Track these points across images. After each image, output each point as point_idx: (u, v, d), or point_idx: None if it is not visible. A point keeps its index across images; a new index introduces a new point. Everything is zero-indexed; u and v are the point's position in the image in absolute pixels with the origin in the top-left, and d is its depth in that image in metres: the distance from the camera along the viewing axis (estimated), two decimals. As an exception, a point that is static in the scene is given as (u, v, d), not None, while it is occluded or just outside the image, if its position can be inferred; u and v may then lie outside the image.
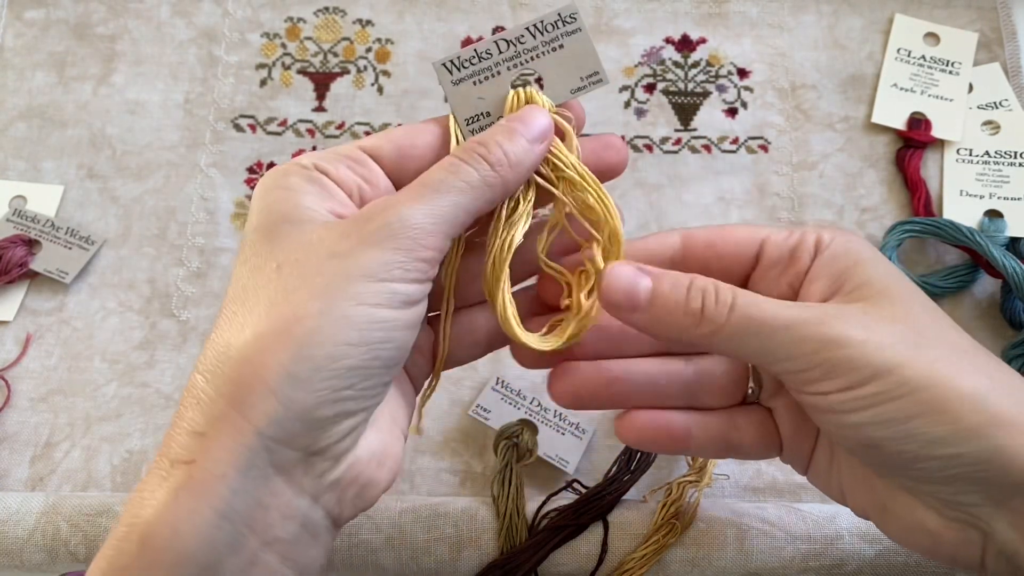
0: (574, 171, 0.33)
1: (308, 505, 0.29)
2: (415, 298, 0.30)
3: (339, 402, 0.28)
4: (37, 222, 0.55)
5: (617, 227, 0.33)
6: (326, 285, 0.28)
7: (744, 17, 0.62)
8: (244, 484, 0.27)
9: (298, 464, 0.29)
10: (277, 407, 0.27)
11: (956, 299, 0.53)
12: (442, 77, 0.33)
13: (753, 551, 0.42)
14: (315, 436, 0.28)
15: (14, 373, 0.51)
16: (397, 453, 0.33)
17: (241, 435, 0.27)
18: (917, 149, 0.56)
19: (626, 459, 0.46)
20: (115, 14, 0.62)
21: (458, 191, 0.31)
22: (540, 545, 0.42)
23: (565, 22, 0.33)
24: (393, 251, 0.29)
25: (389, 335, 0.29)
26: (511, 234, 0.33)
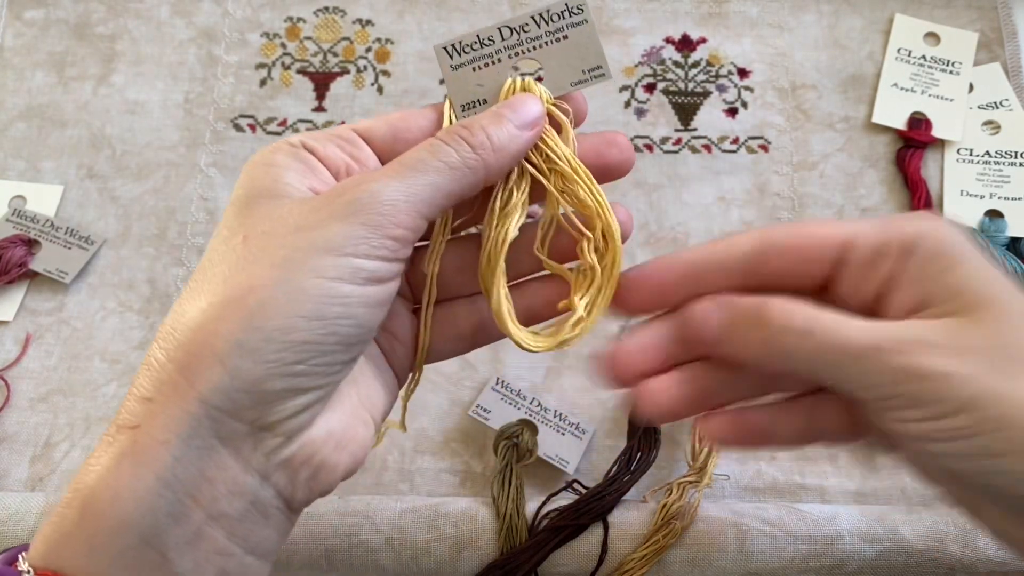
0: (566, 163, 0.32)
1: (257, 483, 0.28)
2: (381, 276, 0.29)
3: (289, 376, 0.28)
4: (37, 222, 0.55)
5: (610, 223, 0.33)
6: (285, 257, 0.28)
7: (744, 17, 0.62)
8: (187, 452, 0.27)
9: (246, 438, 0.28)
10: (223, 376, 0.27)
11: (956, 299, 0.53)
12: (442, 60, 0.33)
13: (753, 551, 0.42)
14: (263, 410, 0.28)
15: (14, 373, 0.51)
16: (362, 439, 0.32)
17: (185, 402, 0.27)
18: (917, 149, 0.56)
19: (626, 459, 0.46)
20: (115, 14, 0.62)
21: (436, 171, 0.30)
22: (540, 545, 0.42)
23: (572, 12, 0.33)
24: (360, 226, 0.28)
25: (348, 311, 0.28)
26: (505, 226, 0.33)
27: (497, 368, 0.51)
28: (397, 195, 0.29)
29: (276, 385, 0.27)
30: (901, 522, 0.43)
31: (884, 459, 0.49)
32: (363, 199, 0.29)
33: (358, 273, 0.28)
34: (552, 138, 0.33)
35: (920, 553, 0.42)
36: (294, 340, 0.27)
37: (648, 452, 0.46)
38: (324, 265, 0.28)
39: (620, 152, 0.34)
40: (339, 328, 0.28)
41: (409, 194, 0.29)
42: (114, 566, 0.26)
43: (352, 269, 0.28)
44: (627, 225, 0.34)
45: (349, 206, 0.29)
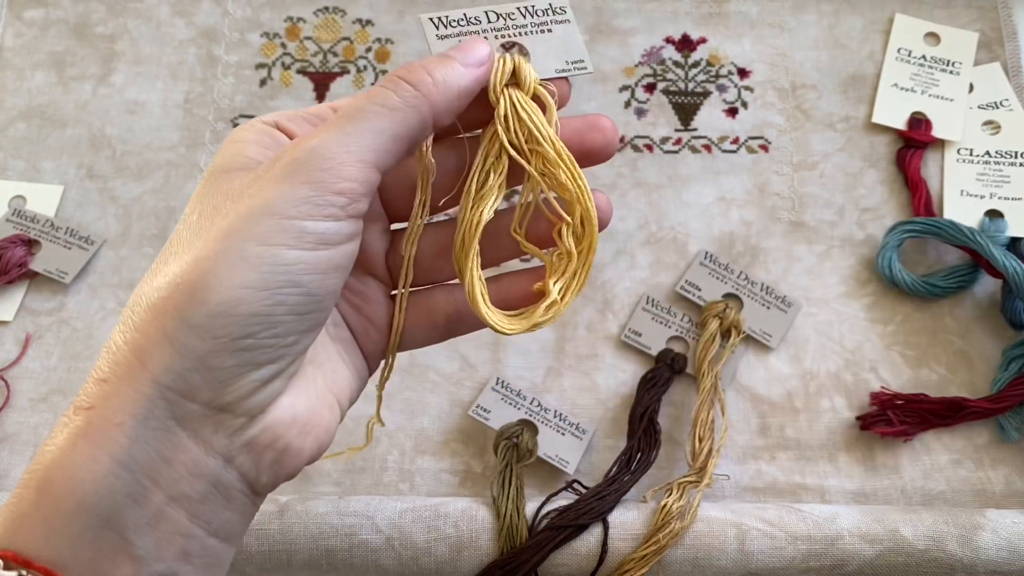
0: (549, 145, 0.32)
1: (220, 465, 0.28)
2: (330, 238, 0.28)
3: (239, 352, 0.27)
4: (37, 222, 0.55)
5: (589, 208, 0.32)
6: (228, 227, 0.27)
7: (744, 17, 0.61)
8: (143, 433, 0.26)
9: (205, 420, 0.27)
10: (173, 355, 0.26)
11: (957, 299, 0.53)
12: (427, 30, 0.33)
13: (753, 551, 0.42)
14: (217, 389, 0.27)
15: (14, 373, 0.51)
16: (327, 424, 0.31)
17: (138, 383, 0.27)
18: (917, 149, 0.56)
19: (626, 459, 0.46)
20: (115, 14, 0.62)
21: (376, 116, 0.29)
22: (540, 546, 0.42)
23: (555, 12, 0.33)
24: (302, 184, 0.27)
25: (295, 278, 0.27)
26: (480, 209, 0.32)
27: (497, 368, 0.51)
28: (337, 147, 0.28)
29: (225, 361, 0.27)
30: (901, 522, 0.43)
31: (884, 459, 0.49)
32: (302, 157, 0.28)
33: (304, 237, 0.27)
34: (536, 116, 0.32)
35: (920, 553, 0.42)
36: (240, 313, 0.26)
37: (648, 452, 0.46)
38: (266, 231, 0.27)
39: (603, 136, 0.33)
40: (287, 298, 0.27)
41: (351, 144, 0.28)
42: (73, 547, 0.26)
43: (297, 233, 0.27)
44: (606, 212, 0.33)
45: (288, 167, 0.28)
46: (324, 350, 0.33)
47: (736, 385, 0.51)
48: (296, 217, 0.27)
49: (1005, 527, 0.43)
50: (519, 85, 0.32)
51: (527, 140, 0.32)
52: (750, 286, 0.53)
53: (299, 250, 0.27)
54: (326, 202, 0.28)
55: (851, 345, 0.52)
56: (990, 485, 0.48)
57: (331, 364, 0.33)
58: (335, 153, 0.28)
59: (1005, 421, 0.49)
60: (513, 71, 0.32)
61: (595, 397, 0.51)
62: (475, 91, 0.32)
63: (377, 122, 0.29)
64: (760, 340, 0.52)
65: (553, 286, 0.33)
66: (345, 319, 0.34)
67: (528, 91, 0.32)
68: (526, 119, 0.32)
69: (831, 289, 0.54)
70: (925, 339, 0.52)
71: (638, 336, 0.52)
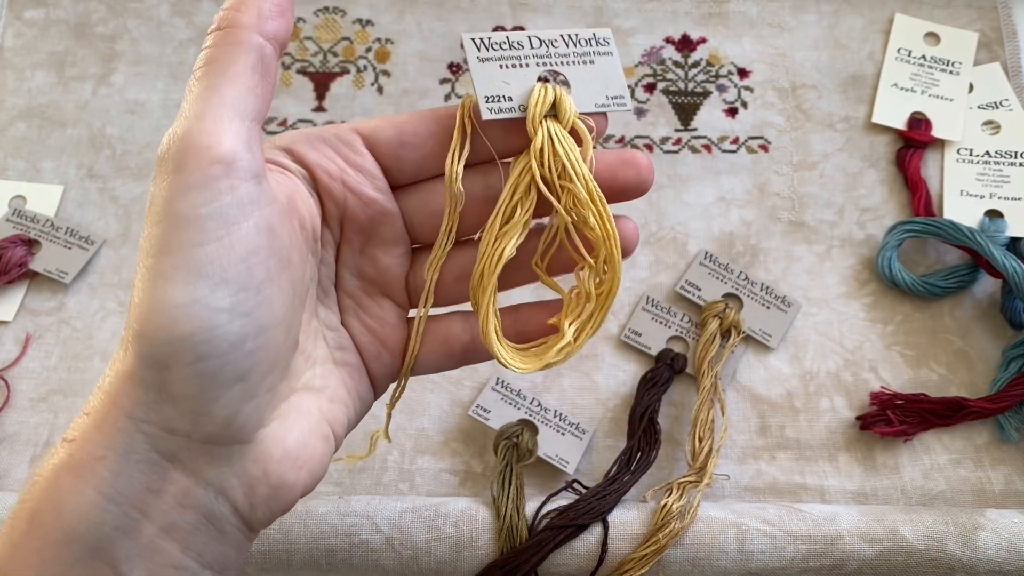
0: (582, 183, 0.31)
1: (212, 497, 0.28)
2: (233, 214, 0.26)
3: (200, 376, 0.26)
4: (37, 222, 0.55)
5: (614, 253, 0.31)
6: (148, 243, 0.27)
7: (744, 17, 0.62)
8: (125, 467, 0.26)
9: (191, 452, 0.27)
10: (138, 390, 0.26)
11: (956, 299, 0.53)
12: (469, 51, 0.32)
13: (753, 551, 0.42)
14: (193, 420, 0.27)
15: (14, 373, 0.51)
16: (320, 456, 0.30)
17: (114, 418, 0.27)
18: (917, 149, 0.56)
19: (626, 459, 0.46)
20: (115, 14, 0.62)
21: (210, 75, 0.27)
22: (540, 545, 0.42)
23: (599, 43, 0.33)
24: (178, 174, 0.26)
25: (218, 276, 0.26)
26: (503, 246, 0.31)
27: (497, 368, 0.51)
28: (194, 124, 0.27)
29: (188, 388, 0.26)
30: (901, 522, 0.43)
31: (884, 459, 0.49)
32: (172, 147, 0.27)
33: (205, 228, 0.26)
34: (573, 152, 0.31)
35: (920, 553, 0.42)
36: (180, 334, 0.26)
37: (648, 452, 0.46)
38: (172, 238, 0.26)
39: (636, 174, 0.33)
40: (220, 301, 0.26)
41: (203, 115, 0.27)
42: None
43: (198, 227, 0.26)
44: (632, 241, 0.33)
45: (166, 160, 0.27)
46: (325, 376, 0.32)
47: (736, 385, 0.51)
48: (192, 207, 0.26)
49: (1005, 527, 0.43)
50: (558, 117, 0.31)
51: (560, 176, 0.31)
52: (750, 286, 0.53)
53: (206, 244, 0.26)
54: (213, 176, 0.26)
55: (851, 345, 0.52)
56: (990, 485, 0.48)
57: (331, 391, 0.32)
58: (197, 127, 0.26)
59: (1005, 421, 0.49)
60: (554, 103, 0.31)
61: (595, 397, 0.51)
62: None
63: (214, 79, 0.27)
64: (760, 340, 0.52)
65: (568, 327, 0.32)
66: (356, 340, 0.34)
67: (567, 124, 0.31)
68: (562, 154, 0.31)
69: (831, 289, 0.54)
70: (925, 339, 0.52)
71: (638, 336, 0.52)
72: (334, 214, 0.32)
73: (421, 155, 0.32)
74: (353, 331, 0.34)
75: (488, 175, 0.33)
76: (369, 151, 0.32)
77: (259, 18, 0.28)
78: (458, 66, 0.60)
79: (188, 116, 0.27)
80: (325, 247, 0.33)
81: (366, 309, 0.34)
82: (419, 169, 0.33)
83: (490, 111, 0.31)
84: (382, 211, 0.33)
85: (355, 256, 0.33)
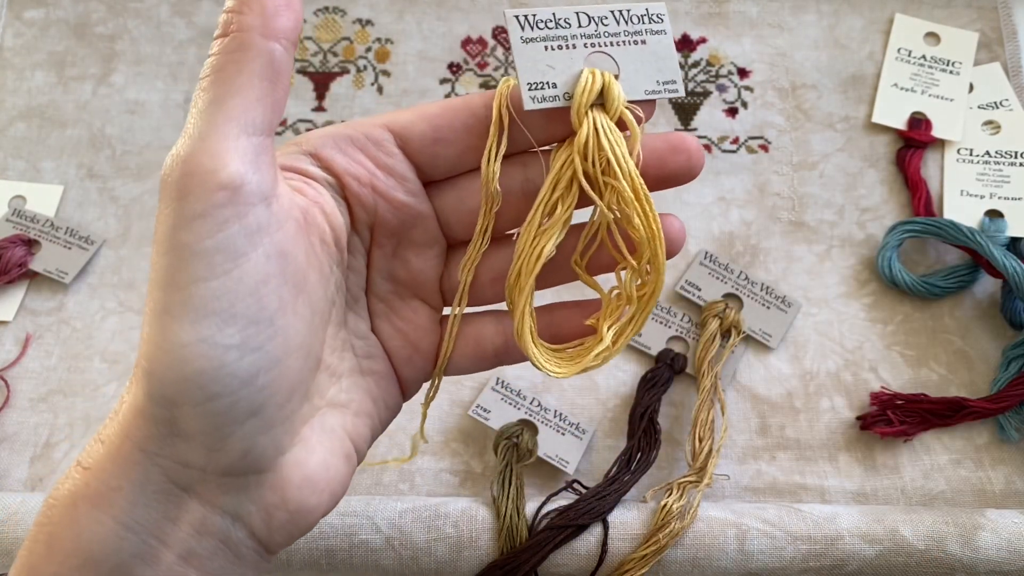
0: (628, 181, 0.29)
1: (228, 523, 0.27)
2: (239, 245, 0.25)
3: (211, 415, 0.25)
4: (37, 222, 0.55)
5: (659, 255, 0.29)
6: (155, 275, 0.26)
7: (744, 17, 0.61)
8: (142, 498, 0.26)
9: (207, 482, 0.27)
10: (149, 426, 0.26)
11: (956, 299, 0.53)
12: (512, 30, 0.29)
13: (753, 551, 0.42)
14: (207, 456, 0.26)
15: (14, 373, 0.51)
16: (343, 477, 0.30)
17: (128, 450, 0.26)
18: (917, 149, 0.56)
19: (626, 459, 0.46)
20: (115, 14, 0.62)
21: (216, 85, 0.26)
22: (540, 546, 0.42)
23: (652, 20, 0.30)
24: (182, 201, 0.25)
25: (226, 310, 0.25)
26: (542, 244, 0.29)
27: (497, 368, 0.51)
28: (197, 145, 0.25)
29: (200, 426, 0.26)
30: (901, 522, 0.43)
31: (884, 459, 0.49)
32: (175, 171, 0.25)
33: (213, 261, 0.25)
34: (620, 146, 0.29)
35: (920, 553, 0.42)
36: (188, 374, 0.25)
37: (648, 452, 0.46)
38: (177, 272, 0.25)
39: (687, 159, 0.30)
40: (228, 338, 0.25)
41: (206, 134, 0.25)
42: None
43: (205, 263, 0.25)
44: (679, 240, 0.31)
45: (168, 185, 0.25)
46: (350, 388, 0.31)
47: (736, 385, 0.51)
48: (197, 239, 0.25)
49: (1005, 527, 0.43)
50: (604, 106, 0.29)
51: (604, 171, 0.29)
52: (750, 286, 0.53)
53: (212, 279, 0.25)
54: (217, 204, 0.25)
55: (851, 345, 0.52)
56: (990, 485, 0.48)
57: (356, 404, 0.31)
58: (199, 147, 0.25)
59: (1005, 421, 0.49)
60: (602, 90, 0.29)
61: (595, 397, 0.51)
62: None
63: (218, 91, 0.25)
64: (760, 340, 0.52)
65: (607, 331, 0.31)
66: (386, 345, 0.33)
67: (614, 115, 0.29)
68: (607, 148, 0.29)
69: (831, 289, 0.54)
70: (925, 339, 0.52)
71: (638, 336, 0.52)
72: (364, 220, 0.31)
73: (456, 151, 0.30)
74: (383, 336, 0.33)
75: (527, 166, 0.31)
76: (400, 149, 0.30)
77: (265, 17, 0.26)
78: (458, 66, 0.60)
79: (191, 135, 0.25)
80: (354, 254, 0.31)
81: (398, 312, 0.33)
82: (454, 165, 0.31)
83: (533, 100, 0.29)
84: (414, 214, 0.31)
85: (387, 260, 0.32)
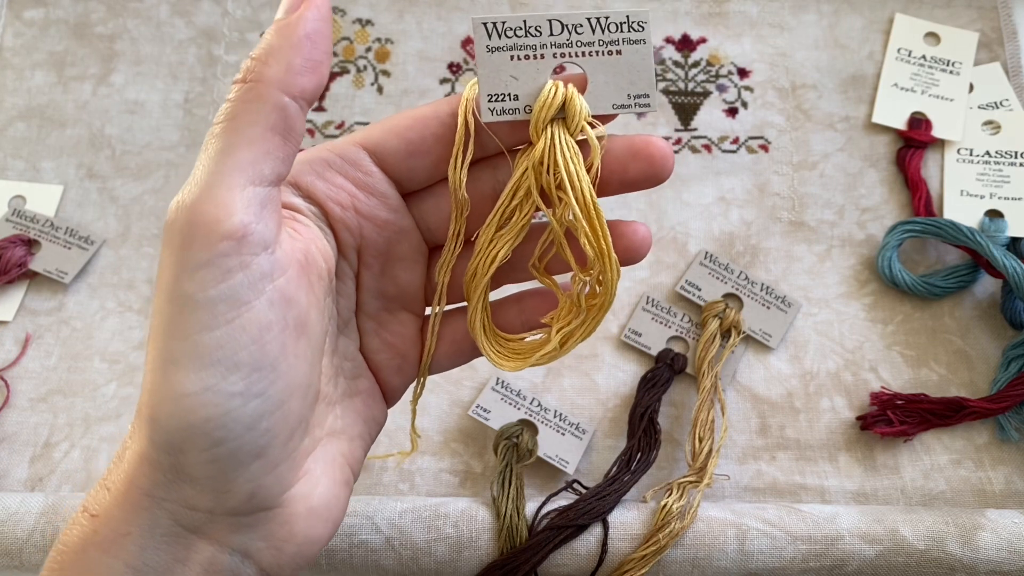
0: (579, 199, 0.29)
1: (238, 561, 0.27)
2: (244, 293, 0.25)
3: (217, 460, 0.25)
4: (36, 222, 0.55)
5: (608, 273, 0.30)
6: (155, 328, 0.26)
7: (744, 17, 0.61)
8: (151, 542, 0.26)
9: (216, 524, 0.27)
10: (155, 472, 0.26)
11: (956, 299, 0.53)
12: (478, 37, 0.29)
13: (753, 551, 0.42)
14: (214, 499, 0.26)
15: (13, 373, 0.51)
16: (343, 503, 0.30)
17: (135, 496, 0.26)
18: (918, 149, 0.56)
19: (626, 459, 0.46)
20: (114, 14, 0.62)
21: (228, 134, 0.25)
22: (540, 546, 0.42)
23: (632, 28, 0.29)
24: (187, 250, 0.25)
25: (230, 359, 0.25)
26: (498, 248, 0.30)
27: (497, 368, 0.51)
28: (202, 192, 0.25)
29: (207, 471, 0.26)
30: (901, 522, 0.43)
31: (884, 459, 0.49)
32: (178, 220, 0.25)
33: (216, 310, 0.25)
34: (574, 163, 0.29)
35: (920, 553, 0.42)
36: (194, 422, 0.25)
37: (648, 452, 0.46)
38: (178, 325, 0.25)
39: (649, 165, 0.30)
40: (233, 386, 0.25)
41: (213, 182, 0.25)
42: None
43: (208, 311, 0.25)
44: (641, 249, 0.31)
45: (172, 233, 0.25)
46: (344, 414, 0.31)
47: (736, 385, 0.51)
48: (201, 289, 0.24)
49: (1005, 527, 0.43)
50: (566, 121, 0.29)
51: (559, 186, 0.29)
52: (750, 286, 0.53)
53: (216, 328, 0.25)
54: (221, 254, 0.25)
55: (851, 345, 0.52)
56: (990, 485, 0.48)
57: (350, 428, 0.31)
58: (204, 196, 0.25)
59: (1005, 421, 0.49)
60: (563, 104, 0.29)
61: (595, 397, 0.51)
62: (325, 32, 0.28)
63: (229, 139, 0.25)
64: (760, 340, 0.52)
65: (555, 334, 0.31)
66: (372, 360, 0.33)
67: (575, 130, 0.29)
68: (562, 166, 0.29)
69: (831, 289, 0.54)
70: (925, 339, 0.52)
71: (638, 336, 0.52)
72: (350, 244, 0.31)
73: (431, 161, 0.31)
74: (371, 351, 0.33)
75: (498, 168, 0.32)
76: (378, 167, 0.31)
77: (287, 73, 0.26)
78: (458, 66, 0.60)
79: (199, 182, 0.25)
80: (343, 279, 0.32)
81: (386, 327, 0.33)
82: (431, 175, 0.32)
83: (492, 112, 0.29)
84: (398, 230, 0.32)
85: (375, 279, 0.32)
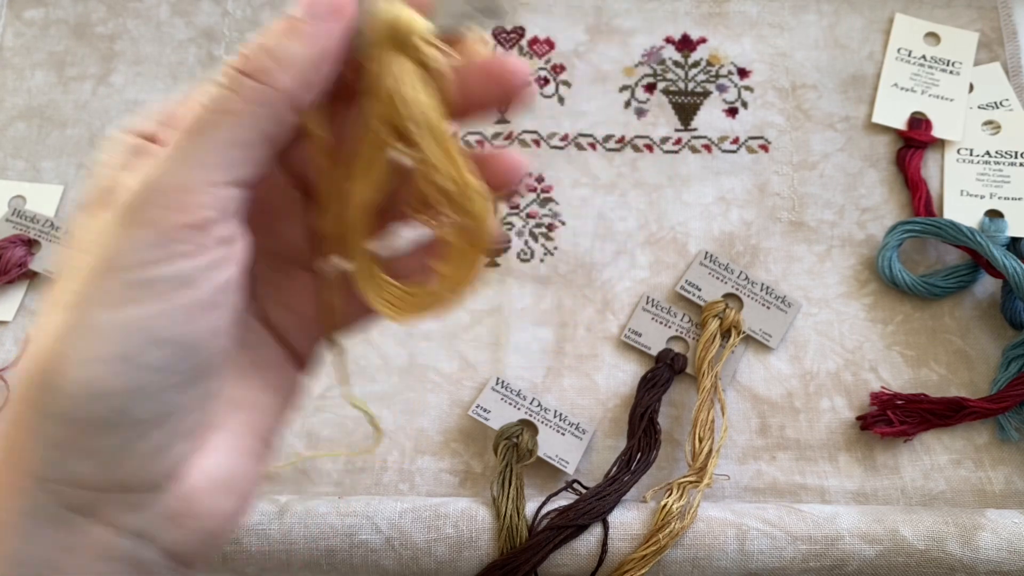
0: (423, 128, 0.24)
1: (136, 544, 0.25)
2: (191, 277, 0.24)
3: (114, 431, 0.24)
4: (36, 222, 0.55)
5: (472, 207, 0.25)
6: (74, 293, 0.24)
7: (744, 17, 0.61)
8: (33, 530, 0.24)
9: (105, 502, 0.25)
10: (42, 448, 0.24)
11: (957, 299, 0.53)
12: None
13: (753, 551, 0.42)
14: (104, 471, 0.24)
15: (13, 373, 0.51)
16: (252, 476, 0.28)
17: (17, 478, 0.24)
18: (918, 149, 0.56)
19: (626, 459, 0.46)
20: (114, 14, 0.62)
21: (217, 126, 0.24)
22: (540, 546, 0.42)
23: None
24: (142, 226, 0.23)
25: (157, 336, 0.23)
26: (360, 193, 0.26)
27: (497, 368, 0.51)
28: (178, 174, 0.24)
29: (102, 442, 0.24)
30: (901, 522, 0.43)
31: (884, 459, 0.49)
32: (141, 194, 0.24)
33: (155, 287, 0.23)
34: (416, 103, 0.24)
35: (920, 553, 0.42)
36: (100, 391, 0.23)
37: (648, 452, 0.46)
38: (109, 291, 0.23)
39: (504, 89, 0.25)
40: (153, 360, 0.23)
41: (192, 166, 0.24)
42: None
43: (145, 284, 0.23)
44: (515, 174, 0.27)
45: (127, 209, 0.24)
46: (243, 386, 0.29)
47: (736, 385, 0.51)
48: (141, 266, 0.23)
49: (1005, 527, 0.43)
50: (399, 47, 0.24)
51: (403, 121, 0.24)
52: (750, 286, 0.53)
53: (152, 303, 0.23)
54: (175, 240, 0.23)
55: (851, 345, 0.52)
56: (990, 485, 0.48)
57: (252, 399, 0.29)
58: (176, 182, 0.24)
59: (1005, 421, 0.49)
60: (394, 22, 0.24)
61: (595, 397, 0.51)
62: (341, 47, 0.25)
63: (221, 133, 0.24)
64: (760, 340, 0.52)
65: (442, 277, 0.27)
66: (276, 326, 0.30)
67: (412, 51, 0.24)
68: (401, 107, 0.24)
69: (831, 289, 0.54)
70: (925, 339, 0.52)
71: (638, 336, 0.52)
72: None
73: None
74: (272, 317, 0.30)
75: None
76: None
77: (302, 88, 0.25)
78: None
79: (172, 166, 0.24)
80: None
81: (282, 288, 0.30)
82: None
83: None
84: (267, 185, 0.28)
85: (260, 239, 0.29)
